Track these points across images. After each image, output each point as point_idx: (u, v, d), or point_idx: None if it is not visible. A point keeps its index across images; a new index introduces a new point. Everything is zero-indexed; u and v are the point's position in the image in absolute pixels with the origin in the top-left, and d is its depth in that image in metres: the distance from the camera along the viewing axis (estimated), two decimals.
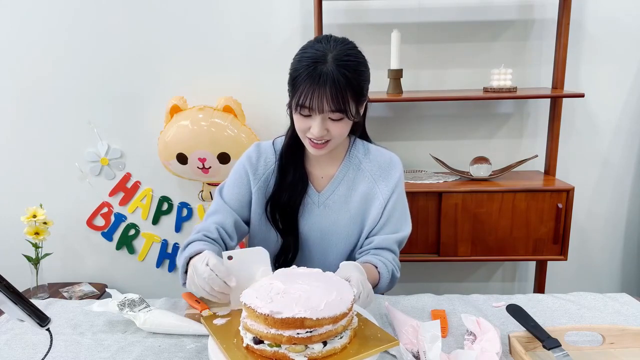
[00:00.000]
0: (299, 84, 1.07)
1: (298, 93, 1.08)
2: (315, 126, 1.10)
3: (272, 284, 0.92)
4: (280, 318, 0.81)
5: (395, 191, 1.24)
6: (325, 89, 1.05)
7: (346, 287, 0.90)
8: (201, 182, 2.13)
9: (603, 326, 0.97)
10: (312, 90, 1.06)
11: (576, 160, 2.15)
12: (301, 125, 1.13)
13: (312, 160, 1.27)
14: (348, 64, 1.07)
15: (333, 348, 0.84)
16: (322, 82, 1.05)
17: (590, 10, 2.02)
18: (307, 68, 1.06)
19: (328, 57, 1.07)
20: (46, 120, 2.16)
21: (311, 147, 1.16)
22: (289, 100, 1.14)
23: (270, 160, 1.27)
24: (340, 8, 2.04)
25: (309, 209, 1.27)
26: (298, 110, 1.10)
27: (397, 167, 1.27)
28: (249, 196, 1.27)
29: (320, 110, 1.08)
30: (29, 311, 0.77)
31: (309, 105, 1.07)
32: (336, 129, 1.12)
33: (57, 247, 2.22)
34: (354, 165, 1.26)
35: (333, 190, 1.26)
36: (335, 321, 0.83)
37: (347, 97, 1.07)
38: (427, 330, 0.89)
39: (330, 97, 1.05)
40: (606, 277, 2.29)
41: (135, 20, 2.06)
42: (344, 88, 1.06)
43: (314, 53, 1.08)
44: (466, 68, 2.08)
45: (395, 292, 1.29)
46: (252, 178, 1.26)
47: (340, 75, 1.05)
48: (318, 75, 1.05)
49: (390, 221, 1.25)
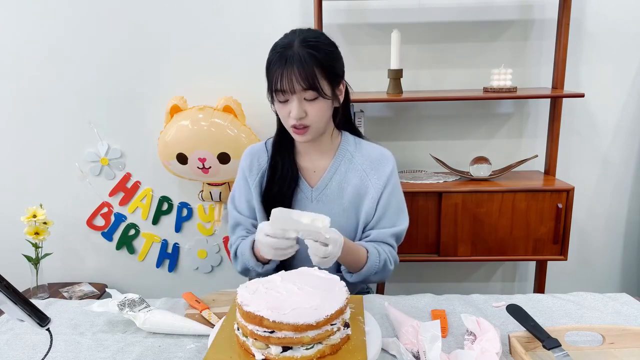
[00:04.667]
0: (271, 71, 1.15)
1: (271, 79, 1.15)
2: (294, 108, 1.14)
3: (272, 279, 0.93)
4: (245, 310, 0.83)
5: (387, 185, 1.27)
6: (293, 68, 1.11)
7: (335, 302, 0.85)
8: (201, 182, 2.13)
9: (603, 326, 0.97)
10: (281, 72, 1.12)
11: (576, 160, 2.15)
12: (282, 112, 1.19)
13: (303, 155, 1.30)
14: (313, 45, 1.14)
15: (291, 356, 0.82)
16: (289, 63, 1.11)
17: (590, 10, 2.02)
18: (276, 54, 1.14)
19: (294, 42, 1.14)
20: (46, 120, 2.15)
21: (295, 135, 1.20)
22: (267, 92, 1.20)
23: (262, 158, 1.32)
24: (340, 8, 2.04)
25: (303, 205, 1.29)
26: (275, 97, 1.16)
27: (389, 161, 1.29)
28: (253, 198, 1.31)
29: (292, 90, 1.13)
30: (29, 311, 0.77)
31: (281, 87, 1.13)
32: (313, 110, 1.16)
33: (57, 247, 2.22)
34: (346, 158, 1.29)
35: (326, 184, 1.28)
36: (297, 330, 0.80)
37: (316, 75, 1.12)
38: (427, 330, 0.89)
39: (298, 75, 1.11)
40: (606, 277, 2.29)
41: (136, 20, 2.06)
42: (310, 65, 1.11)
43: (282, 42, 1.17)
44: (466, 68, 2.08)
45: (395, 292, 1.29)
46: (249, 177, 1.31)
47: (306, 54, 1.12)
48: (285, 58, 1.12)
49: (386, 215, 1.27)
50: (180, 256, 2.32)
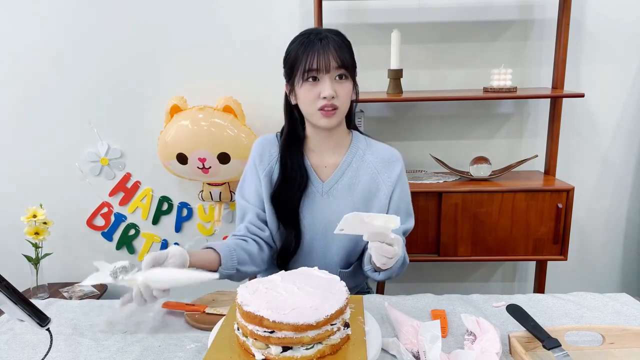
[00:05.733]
0: (301, 55, 1.16)
1: (304, 61, 1.16)
2: (326, 86, 1.16)
3: (272, 279, 0.93)
4: (245, 310, 0.83)
5: (398, 183, 1.30)
6: (329, 47, 1.15)
7: (335, 302, 0.86)
8: (201, 182, 2.13)
9: (603, 326, 0.97)
10: (316, 52, 1.15)
11: (576, 160, 2.16)
12: (309, 95, 1.19)
13: (315, 152, 1.31)
14: (340, 34, 1.21)
15: (291, 356, 0.82)
16: (324, 44, 1.15)
17: (590, 10, 2.02)
18: (305, 41, 1.17)
19: (322, 31, 1.19)
20: (46, 120, 2.16)
21: (322, 118, 1.20)
22: (288, 85, 1.22)
23: (274, 150, 1.32)
24: (340, 8, 2.04)
25: (312, 198, 1.29)
26: (305, 77, 1.17)
27: (399, 160, 1.32)
28: (262, 187, 1.30)
29: (327, 68, 1.15)
30: (29, 311, 0.77)
31: (317, 66, 1.15)
32: (343, 90, 1.19)
33: (57, 247, 2.22)
34: (358, 155, 1.31)
35: (337, 179, 1.29)
36: (297, 330, 0.80)
37: (348, 56, 1.18)
38: (427, 330, 0.89)
39: (335, 54, 1.15)
40: (606, 277, 2.29)
41: (136, 20, 2.06)
42: (344, 47, 1.18)
43: (307, 32, 1.20)
44: (466, 68, 2.08)
45: (395, 292, 1.29)
46: (259, 167, 1.31)
47: (338, 37, 1.19)
48: (319, 39, 1.16)
49: (399, 213, 1.28)
50: None
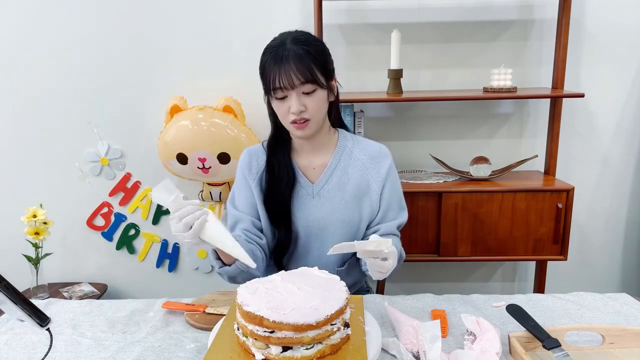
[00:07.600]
0: (267, 70, 1.16)
1: (268, 78, 1.16)
2: (293, 103, 1.15)
3: (272, 279, 0.93)
4: (245, 310, 0.83)
5: (388, 179, 1.30)
6: (290, 64, 1.13)
7: (335, 302, 0.86)
8: (201, 182, 2.13)
9: (603, 326, 0.97)
10: (278, 70, 1.14)
11: (576, 160, 2.15)
12: (281, 110, 1.19)
13: (301, 153, 1.32)
14: (304, 41, 1.17)
15: (291, 356, 0.82)
16: (285, 60, 1.14)
17: (590, 10, 2.02)
18: (270, 55, 1.16)
19: (286, 42, 1.16)
20: (46, 120, 2.15)
21: (295, 130, 1.21)
22: (264, 94, 1.22)
23: (261, 158, 1.33)
24: (340, 8, 2.04)
25: (303, 201, 1.29)
26: (273, 95, 1.17)
27: (387, 156, 1.33)
28: (254, 197, 1.30)
29: (292, 86, 1.14)
30: (29, 311, 0.77)
31: (280, 84, 1.14)
32: (312, 103, 1.17)
33: (57, 247, 2.22)
34: (345, 154, 1.31)
35: (327, 179, 1.29)
36: (297, 330, 0.80)
37: (312, 68, 1.15)
38: (427, 330, 0.89)
39: (296, 70, 1.13)
40: (606, 277, 2.29)
41: (136, 20, 2.06)
42: (306, 59, 1.15)
43: (273, 43, 1.19)
44: (466, 68, 2.08)
45: (395, 292, 1.30)
46: (249, 176, 1.31)
47: (300, 49, 1.15)
48: (280, 56, 1.14)
49: (391, 209, 1.30)
50: (180, 256, 2.32)
